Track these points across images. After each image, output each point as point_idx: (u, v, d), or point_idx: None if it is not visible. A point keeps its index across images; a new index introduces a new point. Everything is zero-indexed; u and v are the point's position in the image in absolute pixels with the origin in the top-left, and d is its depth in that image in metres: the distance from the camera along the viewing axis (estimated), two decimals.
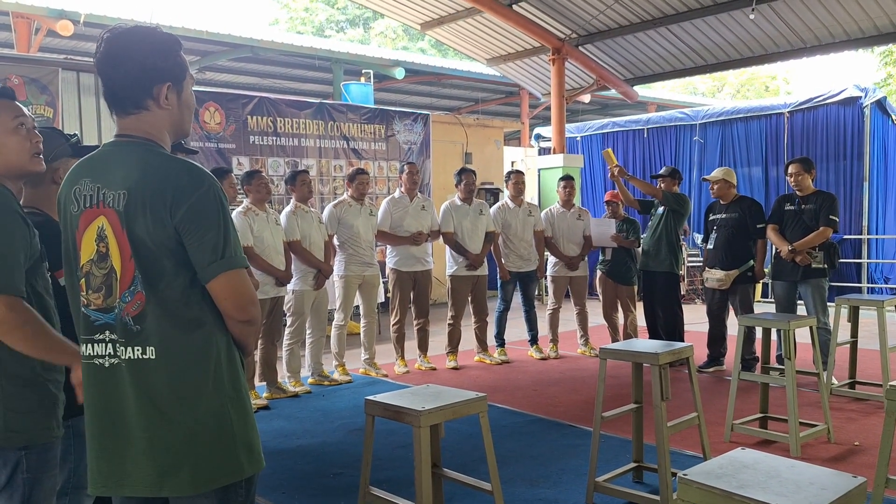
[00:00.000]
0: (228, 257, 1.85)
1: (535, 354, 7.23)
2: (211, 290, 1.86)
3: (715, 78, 29.41)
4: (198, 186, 1.83)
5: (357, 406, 5.65)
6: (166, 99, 1.91)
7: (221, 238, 1.84)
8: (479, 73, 15.05)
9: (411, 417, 2.78)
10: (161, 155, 1.89)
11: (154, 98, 1.90)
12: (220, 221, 1.85)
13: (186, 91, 1.99)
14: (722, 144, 11.91)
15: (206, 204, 1.83)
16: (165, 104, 1.92)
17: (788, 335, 4.55)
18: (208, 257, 1.83)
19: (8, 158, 2.28)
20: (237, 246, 1.90)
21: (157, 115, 1.92)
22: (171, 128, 1.97)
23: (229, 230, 1.87)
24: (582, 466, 4.22)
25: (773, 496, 1.89)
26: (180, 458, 1.85)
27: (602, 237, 7.18)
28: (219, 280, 1.84)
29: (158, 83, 1.90)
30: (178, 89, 1.95)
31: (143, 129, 1.91)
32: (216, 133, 9.04)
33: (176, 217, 1.80)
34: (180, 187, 1.81)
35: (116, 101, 1.91)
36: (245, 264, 1.92)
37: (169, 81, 1.91)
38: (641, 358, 3.77)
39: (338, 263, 6.40)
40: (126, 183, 1.83)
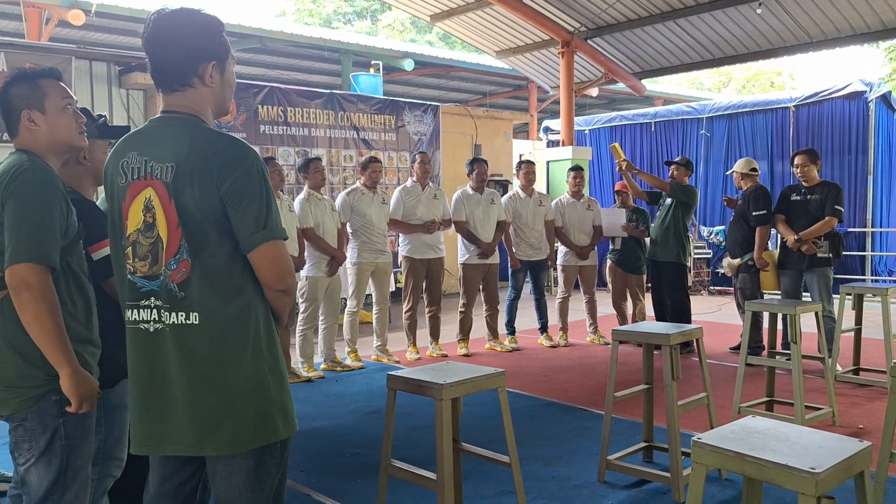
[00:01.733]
0: (270, 228, 1.95)
1: (544, 342, 7.34)
2: (252, 259, 1.96)
3: (720, 73, 29.45)
4: (243, 159, 1.93)
5: (370, 391, 5.76)
6: (211, 77, 2.02)
7: (264, 209, 1.95)
8: (488, 66, 15.14)
9: (433, 391, 2.88)
10: (207, 130, 1.99)
11: (199, 76, 2.00)
12: (263, 194, 1.95)
13: (229, 70, 2.09)
14: (728, 138, 12.00)
15: (251, 177, 1.93)
16: (210, 82, 2.02)
17: (795, 320, 4.65)
18: (251, 228, 1.93)
19: (59, 134, 2.40)
20: (278, 218, 2.00)
21: (201, 93, 2.02)
22: (214, 105, 2.08)
23: (271, 202, 1.98)
24: (594, 447, 4.32)
25: (783, 457, 2.00)
26: (220, 419, 1.95)
27: (612, 227, 7.28)
28: (260, 250, 1.95)
29: (204, 62, 2.00)
30: (221, 68, 2.05)
31: (189, 106, 2.01)
32: (227, 122, 9.13)
33: (222, 189, 1.91)
34: (227, 160, 1.91)
35: (164, 79, 2.01)
36: (285, 235, 2.02)
37: (214, 60, 2.02)
38: (653, 339, 3.87)
39: (350, 251, 6.50)
40: (175, 156, 1.93)
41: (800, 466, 1.93)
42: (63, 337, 2.21)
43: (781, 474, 1.95)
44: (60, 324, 2.21)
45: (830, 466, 1.94)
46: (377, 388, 5.81)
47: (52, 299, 2.19)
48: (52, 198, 2.26)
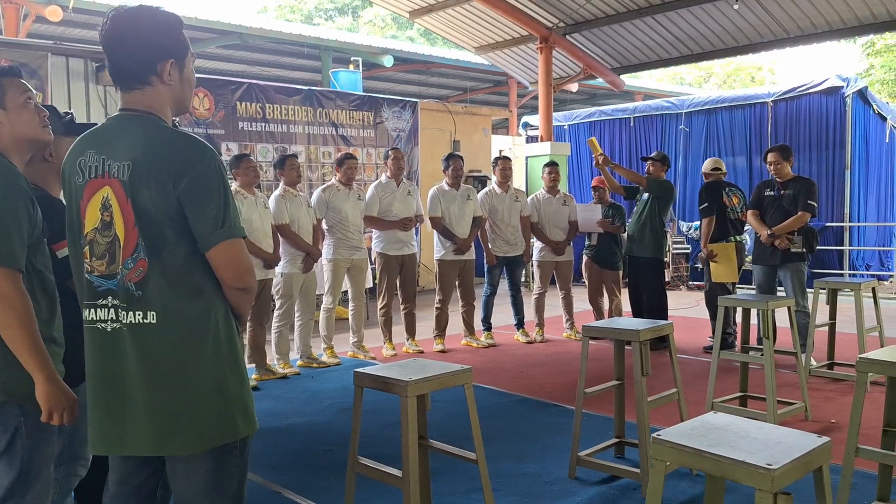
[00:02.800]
0: (228, 227, 1.95)
1: (521, 338, 7.34)
2: (210, 258, 1.95)
3: (701, 68, 29.60)
4: (201, 158, 1.92)
5: (345, 387, 5.74)
6: (170, 75, 2.00)
7: (222, 208, 1.94)
8: (468, 62, 15.12)
9: (399, 388, 2.87)
10: (164, 128, 1.97)
11: (158, 74, 1.98)
12: (221, 192, 1.95)
13: (188, 68, 2.07)
14: (707, 133, 12.05)
15: (209, 175, 1.92)
16: (169, 80, 2.00)
17: (766, 315, 4.66)
18: (209, 227, 1.92)
19: (21, 130, 2.37)
20: (236, 216, 1.99)
21: (160, 91, 2.00)
22: (173, 103, 2.06)
23: (229, 201, 1.97)
24: (565, 443, 4.32)
25: (740, 453, 2.00)
26: (179, 418, 1.94)
27: (588, 222, 7.29)
28: (218, 248, 1.94)
29: (162, 60, 1.98)
30: (180, 66, 2.03)
31: (147, 104, 1.99)
32: (205, 119, 9.08)
33: (179, 188, 1.89)
34: (184, 159, 1.90)
35: (122, 77, 1.99)
36: (243, 234, 2.01)
37: (172, 58, 2.00)
38: (623, 335, 3.87)
39: (326, 247, 6.47)
40: (131, 154, 1.91)
41: (756, 462, 1.93)
42: (37, 344, 2.17)
43: (739, 470, 1.95)
44: (34, 330, 2.17)
45: (787, 462, 1.94)
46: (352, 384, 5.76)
47: (22, 305, 2.15)
48: (17, 198, 2.22)
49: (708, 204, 6.62)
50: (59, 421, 2.23)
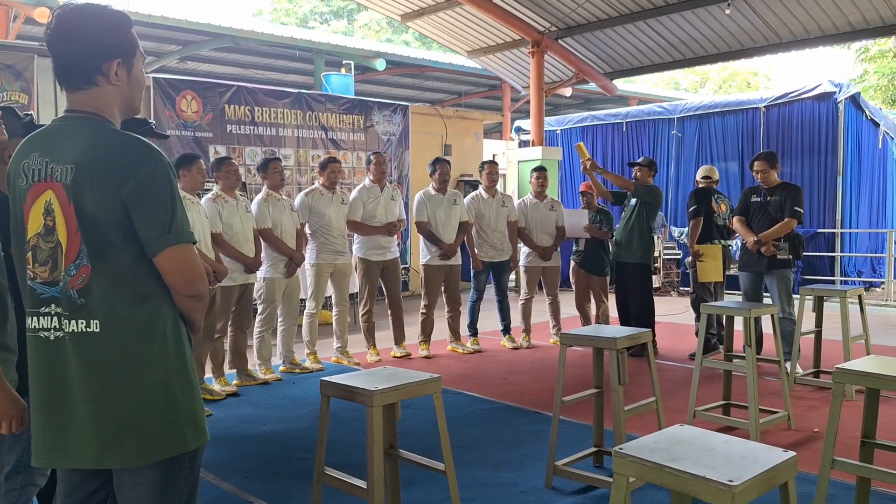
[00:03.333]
0: (175, 232, 1.90)
1: (507, 344, 7.28)
2: (158, 264, 1.90)
3: (697, 73, 29.59)
4: (146, 161, 1.87)
5: None
6: (116, 75, 1.95)
7: (169, 213, 1.89)
8: (462, 66, 15.07)
9: (364, 397, 2.81)
10: (110, 130, 1.93)
11: (104, 74, 1.94)
12: (168, 196, 1.89)
13: (136, 68, 2.02)
14: (699, 139, 12.02)
15: (154, 179, 1.87)
16: (115, 80, 1.95)
17: (750, 323, 4.61)
18: (156, 232, 1.87)
19: None
20: (184, 221, 1.94)
21: (107, 92, 1.96)
22: (122, 104, 2.01)
23: (176, 205, 1.92)
24: (544, 451, 4.25)
25: (702, 468, 1.94)
26: (124, 430, 1.89)
27: (575, 228, 7.24)
28: (166, 254, 1.89)
29: (108, 59, 1.93)
30: (128, 66, 1.98)
31: (93, 105, 1.94)
32: (193, 121, 9.03)
33: (123, 191, 1.85)
34: (128, 162, 1.85)
35: (67, 77, 1.94)
36: (192, 239, 1.96)
37: (119, 58, 1.95)
38: (600, 343, 3.81)
39: (309, 252, 6.42)
40: (74, 157, 1.86)
41: (717, 478, 1.87)
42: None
43: (699, 486, 1.89)
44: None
45: (750, 478, 1.89)
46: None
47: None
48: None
49: (696, 206, 6.79)
50: (7, 430, 2.18)
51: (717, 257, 6.75)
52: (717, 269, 6.74)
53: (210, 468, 4.22)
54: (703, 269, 6.76)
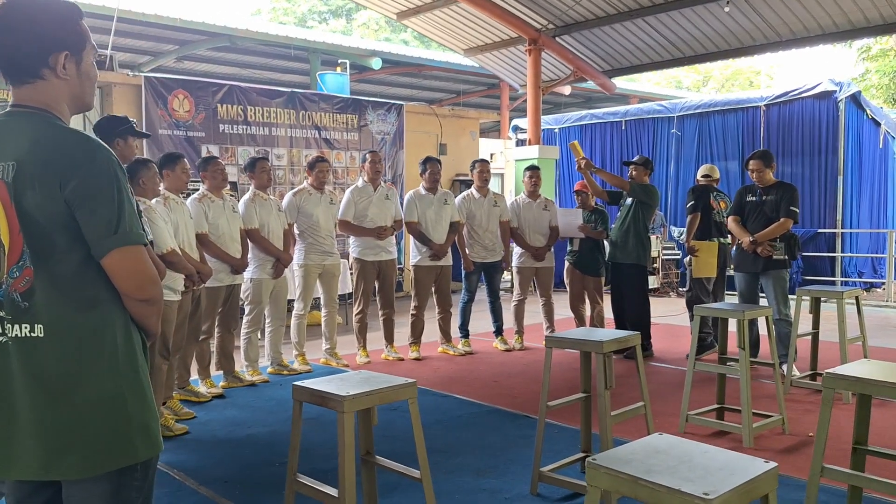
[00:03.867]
0: (123, 233, 1.81)
1: (499, 346, 7.18)
2: (106, 266, 1.82)
3: (699, 72, 29.43)
4: (91, 158, 1.79)
5: None
6: (64, 68, 1.87)
7: (115, 212, 1.80)
8: (460, 65, 14.96)
9: (335, 403, 2.72)
10: (56, 126, 1.84)
11: (51, 67, 1.86)
12: (114, 195, 1.80)
13: (86, 61, 1.94)
14: (699, 137, 11.91)
15: (100, 176, 1.78)
16: (63, 74, 1.88)
17: (743, 325, 4.51)
18: (101, 233, 1.79)
19: None
20: (133, 221, 1.85)
21: (54, 86, 1.88)
22: (71, 99, 1.93)
23: (124, 204, 1.82)
24: (531, 457, 4.15)
25: (679, 480, 1.84)
26: (69, 440, 1.80)
27: (569, 227, 7.13)
28: (113, 256, 1.80)
29: (55, 52, 1.86)
30: (76, 59, 1.90)
31: (40, 100, 1.86)
32: (185, 121, 8.95)
33: (66, 190, 1.76)
34: (72, 159, 1.77)
35: (12, 70, 1.86)
36: (142, 241, 1.87)
37: (67, 50, 1.87)
38: (586, 346, 3.71)
39: (297, 252, 6.33)
40: (16, 154, 1.78)
41: (692, 491, 1.78)
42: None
43: (675, 499, 1.80)
44: None
45: (726, 491, 1.79)
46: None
47: None
48: None
49: (694, 202, 6.77)
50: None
51: (712, 253, 6.71)
52: (711, 265, 6.70)
53: (190, 472, 4.14)
54: (697, 265, 6.72)
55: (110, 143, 4.28)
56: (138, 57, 14.36)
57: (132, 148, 4.38)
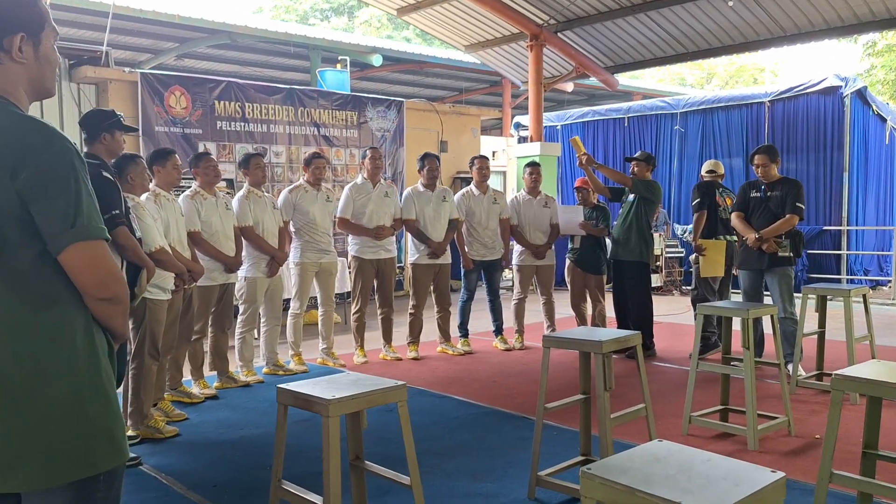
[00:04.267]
0: (80, 227, 1.69)
1: (499, 345, 7.05)
2: (63, 263, 1.70)
3: (703, 69, 29.23)
4: (45, 147, 1.67)
5: None
6: (20, 51, 1.75)
7: (73, 205, 1.68)
8: (461, 62, 14.82)
9: (320, 406, 2.60)
10: (11, 113, 1.72)
11: (6, 50, 1.74)
12: (72, 186, 1.68)
13: (45, 44, 1.82)
14: (703, 134, 11.77)
15: (55, 166, 1.67)
16: (20, 57, 1.76)
17: (747, 324, 4.39)
18: (57, 227, 1.67)
19: None
20: (92, 215, 1.73)
21: (10, 70, 1.76)
22: (29, 84, 1.81)
23: (82, 196, 1.70)
24: (530, 460, 4.04)
25: (679, 492, 1.72)
26: (27, 448, 1.68)
27: (570, 224, 7.00)
28: (70, 252, 1.69)
29: (9, 34, 1.74)
30: (34, 41, 1.79)
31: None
32: (182, 118, 8.85)
33: (18, 181, 1.64)
34: (25, 147, 1.65)
35: None
36: (102, 235, 1.75)
37: (22, 32, 1.75)
38: (585, 346, 3.59)
39: (293, 250, 6.22)
40: None
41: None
42: None
43: None
44: None
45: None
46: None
47: None
48: None
49: (700, 200, 6.64)
50: None
51: (720, 252, 6.57)
52: (719, 264, 6.57)
53: (179, 476, 4.03)
54: (704, 264, 6.58)
55: (96, 137, 4.19)
56: (139, 55, 14.27)
57: (119, 143, 4.26)
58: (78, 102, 8.64)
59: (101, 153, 4.19)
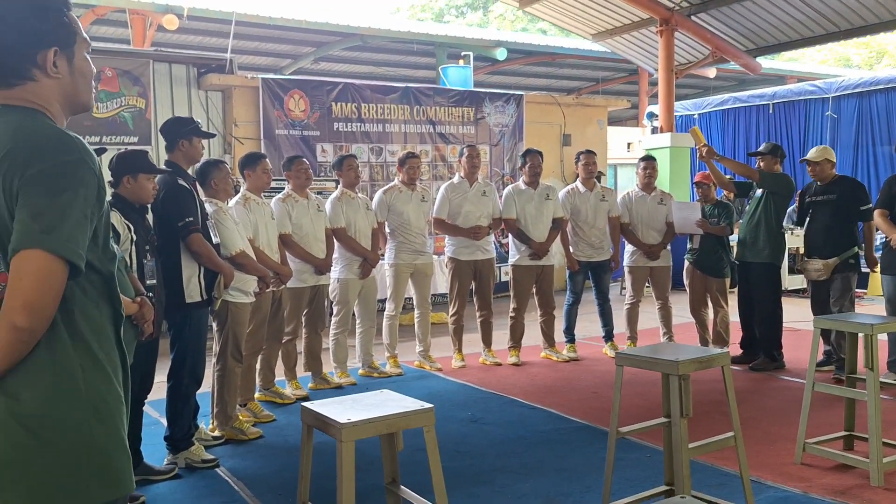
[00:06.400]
0: (57, 238, 1.51)
1: (609, 352, 6.62)
2: (13, 264, 1.51)
3: (870, 47, 26.56)
4: (60, 153, 1.56)
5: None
6: (55, 66, 1.67)
7: (59, 213, 1.52)
8: (591, 51, 14.25)
9: (334, 430, 2.42)
10: (41, 121, 1.63)
11: (40, 66, 1.65)
12: (69, 197, 1.54)
13: (79, 56, 1.73)
14: (858, 119, 10.58)
15: (64, 173, 1.55)
16: (54, 72, 1.67)
17: (872, 341, 3.80)
18: (33, 225, 1.50)
19: None
20: (76, 238, 1.55)
21: (45, 86, 1.67)
22: (64, 98, 1.72)
23: (74, 212, 1.54)
24: (615, 484, 3.69)
25: None
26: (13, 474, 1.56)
27: (685, 223, 6.43)
28: (29, 255, 1.50)
29: (42, 48, 1.65)
30: (68, 55, 1.70)
31: (28, 99, 1.66)
32: (301, 120, 9.02)
33: (23, 180, 1.53)
34: (39, 150, 1.55)
35: None
36: (77, 260, 1.55)
37: (55, 46, 1.67)
38: (660, 366, 3.21)
39: (388, 251, 6.13)
40: None
41: None
42: None
43: None
44: None
45: None
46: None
47: None
48: None
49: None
50: None
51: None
52: None
53: (248, 481, 4.03)
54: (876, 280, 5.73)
55: (175, 144, 4.25)
56: (280, 60, 14.86)
57: (198, 149, 4.31)
58: (206, 109, 9.01)
59: (179, 160, 4.26)
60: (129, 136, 8.28)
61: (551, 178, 10.15)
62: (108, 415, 1.65)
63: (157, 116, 8.44)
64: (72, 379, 1.60)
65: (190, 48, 12.62)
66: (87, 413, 1.61)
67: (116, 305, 1.74)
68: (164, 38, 11.99)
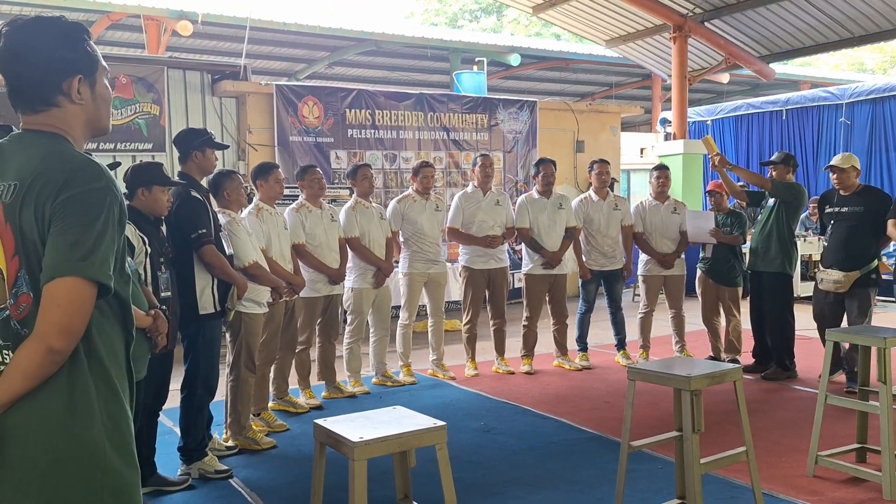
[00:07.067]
0: (91, 264, 1.59)
1: (622, 361, 6.62)
2: (47, 291, 1.58)
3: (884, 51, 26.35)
4: (91, 181, 1.63)
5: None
6: (79, 93, 1.75)
7: (91, 240, 1.60)
8: (604, 56, 14.25)
9: (346, 448, 2.45)
10: (66, 148, 1.71)
11: (66, 93, 1.74)
12: (99, 225, 1.61)
13: (100, 83, 1.82)
14: (872, 126, 10.53)
15: (92, 201, 1.62)
16: (78, 99, 1.75)
17: (884, 354, 3.79)
18: (66, 253, 1.58)
19: None
20: (108, 261, 1.64)
21: (69, 112, 1.76)
22: (86, 123, 1.81)
23: (105, 238, 1.62)
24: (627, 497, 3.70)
25: None
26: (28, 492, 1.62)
27: (699, 232, 6.44)
28: (65, 283, 1.57)
29: (68, 76, 1.73)
30: (90, 82, 1.78)
31: (53, 125, 1.74)
32: (315, 127, 9.07)
33: (56, 203, 1.60)
34: (71, 177, 1.62)
35: (23, 100, 1.74)
36: (108, 287, 1.64)
37: (80, 74, 1.75)
38: (671, 381, 3.22)
39: (402, 260, 6.16)
40: (20, 174, 1.65)
41: None
42: None
43: None
44: None
45: None
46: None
47: None
48: None
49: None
50: None
51: None
52: None
53: (261, 492, 4.05)
54: None
55: (188, 156, 4.28)
56: (295, 65, 14.94)
57: (211, 160, 4.35)
58: (220, 116, 9.08)
59: (192, 171, 4.30)
60: (143, 143, 8.35)
61: (565, 185, 10.17)
62: (120, 434, 1.70)
63: (171, 123, 8.52)
64: (87, 399, 1.65)
65: (204, 53, 12.73)
66: (100, 433, 1.66)
67: (129, 328, 1.80)
68: (178, 42, 12.09)
